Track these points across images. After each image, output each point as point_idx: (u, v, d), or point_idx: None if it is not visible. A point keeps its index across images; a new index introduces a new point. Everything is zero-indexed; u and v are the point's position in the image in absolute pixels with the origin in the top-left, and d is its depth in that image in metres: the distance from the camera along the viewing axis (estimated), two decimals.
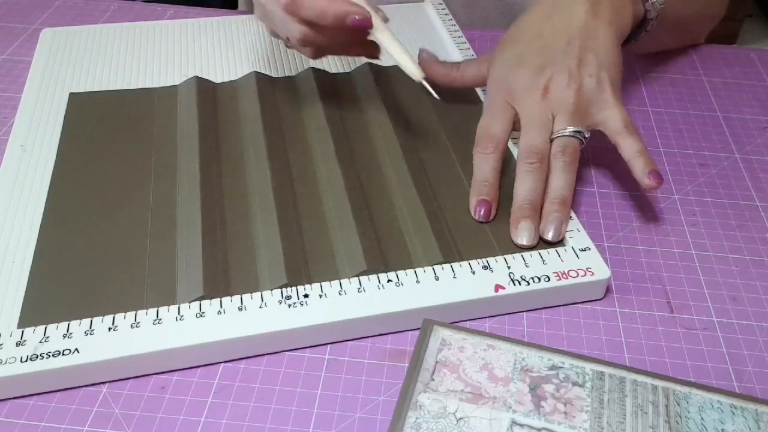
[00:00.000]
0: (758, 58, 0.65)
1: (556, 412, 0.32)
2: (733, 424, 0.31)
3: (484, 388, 0.33)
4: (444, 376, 0.33)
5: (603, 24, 0.49)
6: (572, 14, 0.49)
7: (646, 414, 0.32)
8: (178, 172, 0.48)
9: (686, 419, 0.32)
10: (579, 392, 0.33)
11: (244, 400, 0.37)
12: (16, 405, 0.36)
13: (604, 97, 0.47)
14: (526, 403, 0.32)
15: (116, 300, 0.39)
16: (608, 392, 0.33)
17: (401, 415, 0.32)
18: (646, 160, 0.45)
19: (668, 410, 0.32)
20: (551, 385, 0.33)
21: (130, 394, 0.37)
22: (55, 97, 0.54)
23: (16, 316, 0.38)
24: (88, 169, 0.48)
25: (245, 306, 0.39)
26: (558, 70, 0.48)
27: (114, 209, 0.45)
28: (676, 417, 0.32)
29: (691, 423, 0.31)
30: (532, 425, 0.31)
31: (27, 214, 0.44)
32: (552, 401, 0.32)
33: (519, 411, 0.32)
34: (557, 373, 0.34)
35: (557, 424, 0.31)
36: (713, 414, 0.32)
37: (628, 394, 0.33)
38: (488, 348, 0.35)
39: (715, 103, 0.60)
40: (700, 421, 0.32)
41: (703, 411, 0.32)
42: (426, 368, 0.34)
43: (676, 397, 0.33)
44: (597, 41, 0.48)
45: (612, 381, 0.33)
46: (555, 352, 0.35)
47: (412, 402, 0.32)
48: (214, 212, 0.45)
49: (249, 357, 0.39)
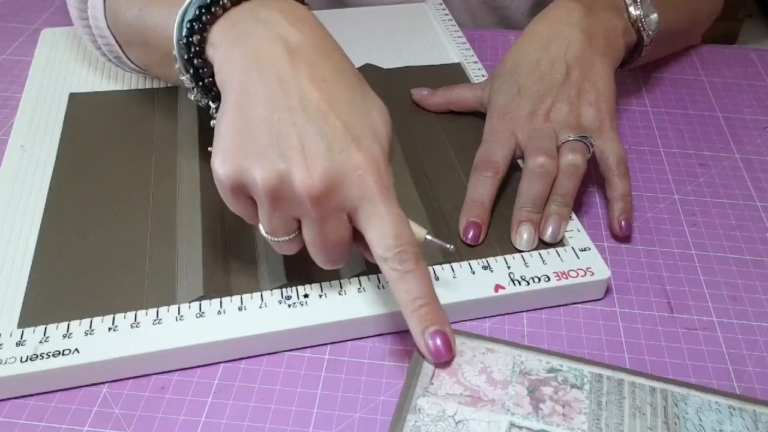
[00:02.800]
0: (758, 59, 0.65)
1: (555, 414, 0.32)
2: (731, 425, 0.32)
3: (482, 391, 0.33)
4: (443, 380, 0.33)
5: (598, 55, 0.50)
6: (569, 44, 0.50)
7: (644, 415, 0.32)
8: (178, 172, 0.48)
9: (684, 420, 0.32)
10: (577, 394, 0.33)
11: (244, 400, 0.37)
12: (16, 405, 0.36)
13: (602, 127, 0.48)
14: (525, 405, 0.32)
15: (116, 300, 0.39)
16: (606, 394, 0.33)
17: (401, 417, 0.32)
18: (626, 206, 0.46)
19: (666, 411, 0.32)
20: (550, 388, 0.33)
21: (130, 394, 0.37)
22: (55, 97, 0.54)
23: (16, 316, 0.38)
24: (88, 170, 0.48)
25: (245, 306, 0.39)
26: (558, 98, 0.48)
27: (114, 209, 0.45)
28: (674, 418, 0.32)
29: (689, 424, 0.32)
30: (530, 427, 0.31)
31: (27, 214, 0.44)
32: (550, 403, 0.32)
33: (518, 413, 0.32)
34: (556, 376, 0.34)
35: (556, 426, 0.31)
36: (711, 415, 0.32)
37: (626, 396, 0.33)
38: (487, 351, 0.35)
39: (715, 103, 0.60)
40: (698, 422, 0.32)
41: (701, 412, 0.32)
42: (425, 373, 0.34)
43: (674, 399, 0.33)
44: (594, 71, 0.49)
45: (610, 383, 0.33)
46: (553, 355, 0.35)
47: (412, 405, 0.32)
48: (214, 212, 0.45)
49: (249, 357, 0.39)
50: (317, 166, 0.33)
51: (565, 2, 0.52)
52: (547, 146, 0.46)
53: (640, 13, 0.52)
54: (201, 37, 0.37)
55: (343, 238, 0.36)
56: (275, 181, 0.33)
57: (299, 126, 0.33)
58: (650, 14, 0.53)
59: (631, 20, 0.53)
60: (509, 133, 0.48)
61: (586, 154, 0.46)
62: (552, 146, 0.46)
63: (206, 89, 0.39)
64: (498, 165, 0.46)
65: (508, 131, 0.48)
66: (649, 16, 0.53)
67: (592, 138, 0.47)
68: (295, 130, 0.33)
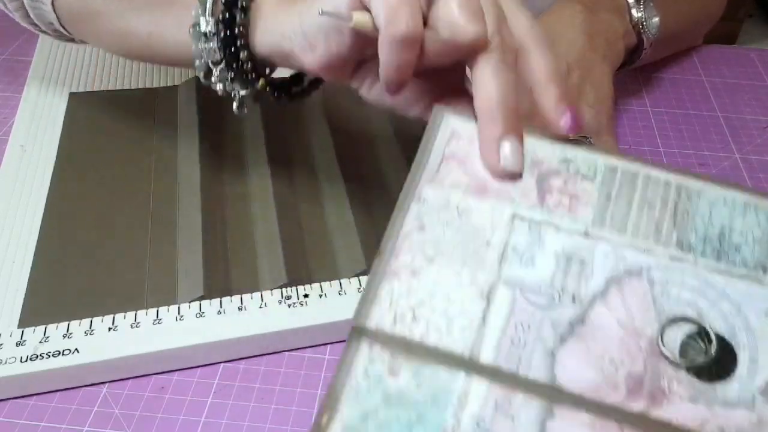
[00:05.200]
0: (758, 58, 0.65)
1: (561, 206, 0.30)
2: (743, 222, 0.30)
3: (489, 182, 0.31)
4: (450, 169, 0.31)
5: (598, 57, 0.50)
6: (571, 45, 0.49)
7: (652, 209, 0.30)
8: (178, 172, 0.48)
9: (694, 215, 0.30)
10: (587, 186, 0.31)
11: (244, 400, 0.37)
12: (16, 405, 0.36)
13: (600, 130, 0.48)
14: (531, 196, 0.31)
15: (116, 300, 0.39)
16: (618, 187, 0.31)
17: (403, 206, 0.30)
18: None
19: (677, 207, 0.31)
20: (560, 179, 0.31)
21: (130, 394, 0.37)
22: (55, 97, 0.54)
23: (16, 316, 0.38)
24: (88, 169, 0.48)
25: (245, 306, 0.39)
26: None
27: (114, 209, 0.45)
28: (684, 213, 0.30)
29: (698, 219, 0.30)
30: (533, 218, 0.30)
31: (27, 214, 0.44)
32: (558, 195, 0.31)
33: (522, 204, 0.31)
34: (567, 166, 0.32)
35: (559, 218, 0.30)
36: (723, 210, 0.30)
37: (638, 189, 0.31)
38: None
39: (715, 103, 0.60)
40: (708, 217, 0.30)
41: (714, 207, 0.31)
42: (433, 160, 0.32)
43: (688, 193, 0.31)
44: (594, 73, 0.49)
45: (624, 176, 0.31)
46: (569, 143, 0.33)
47: (416, 195, 0.31)
48: (214, 212, 0.45)
49: (249, 357, 0.39)
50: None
51: (568, 3, 0.52)
52: None
53: (642, 16, 0.52)
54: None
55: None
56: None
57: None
58: (652, 18, 0.53)
59: (633, 23, 0.52)
60: None
61: None
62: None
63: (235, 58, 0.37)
64: None
65: None
66: (651, 19, 0.53)
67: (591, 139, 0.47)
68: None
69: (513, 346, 0.28)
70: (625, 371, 0.27)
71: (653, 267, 0.29)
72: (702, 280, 0.29)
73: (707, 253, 0.30)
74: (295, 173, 0.48)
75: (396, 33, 0.30)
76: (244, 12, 0.36)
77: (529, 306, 0.28)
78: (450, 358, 0.27)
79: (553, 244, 0.30)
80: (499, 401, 0.26)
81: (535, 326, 0.28)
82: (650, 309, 0.28)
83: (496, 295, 0.29)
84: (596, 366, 0.27)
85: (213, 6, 0.36)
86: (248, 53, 0.37)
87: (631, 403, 0.27)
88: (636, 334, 0.28)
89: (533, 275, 0.29)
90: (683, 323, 0.28)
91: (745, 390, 0.27)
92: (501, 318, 0.28)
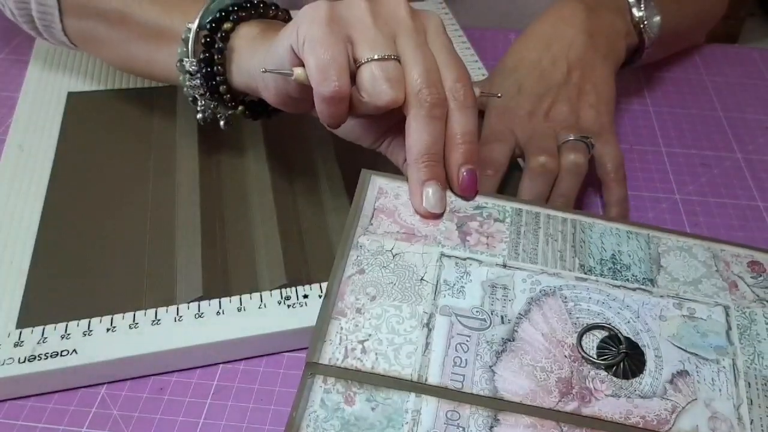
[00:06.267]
0: (760, 58, 0.65)
1: (480, 244, 0.36)
2: (628, 246, 0.37)
3: (416, 228, 0.36)
4: (381, 221, 0.36)
5: (599, 57, 0.50)
6: (571, 44, 0.49)
7: (555, 241, 0.37)
8: (177, 172, 0.48)
9: (589, 244, 0.37)
10: (500, 227, 0.37)
11: (244, 401, 0.37)
12: (14, 406, 0.36)
13: (602, 130, 0.47)
14: (454, 238, 0.36)
15: (115, 300, 0.39)
16: (525, 225, 0.37)
17: (344, 254, 0.35)
18: (622, 211, 0.46)
19: (575, 237, 0.37)
20: (476, 223, 0.37)
21: (128, 395, 0.37)
22: (54, 97, 0.54)
23: (14, 317, 0.38)
24: (86, 170, 0.48)
25: (244, 307, 0.39)
26: (558, 98, 0.48)
27: (113, 210, 0.45)
28: (581, 242, 0.37)
29: (593, 246, 0.37)
30: (459, 256, 0.35)
31: (25, 214, 0.44)
32: (476, 235, 0.36)
33: (447, 245, 0.36)
34: (481, 212, 0.37)
35: (480, 253, 0.35)
36: (612, 239, 0.37)
37: (541, 226, 0.37)
38: None
39: (717, 103, 0.59)
40: (600, 245, 0.37)
41: (604, 237, 0.37)
42: (365, 215, 0.36)
43: (582, 226, 0.38)
44: (595, 73, 0.49)
45: (529, 216, 0.38)
46: (479, 195, 0.38)
47: (353, 243, 0.35)
48: (214, 212, 0.44)
49: (248, 358, 0.39)
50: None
51: (568, 2, 0.51)
52: (548, 146, 0.46)
53: (643, 15, 0.52)
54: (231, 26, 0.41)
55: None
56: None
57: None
58: (653, 17, 0.52)
59: (634, 22, 0.52)
60: (508, 132, 0.48)
61: (587, 155, 0.46)
62: (553, 146, 0.46)
63: (211, 76, 0.42)
64: (498, 163, 0.46)
65: (508, 130, 0.48)
66: (652, 18, 0.52)
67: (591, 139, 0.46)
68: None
69: (456, 366, 0.31)
70: (555, 377, 0.32)
71: (564, 287, 0.35)
72: (605, 295, 0.35)
73: (605, 273, 0.36)
74: (294, 173, 0.48)
75: (323, 92, 0.34)
76: (221, 52, 0.41)
77: (465, 329, 0.33)
78: (400, 383, 0.31)
79: (478, 275, 0.35)
80: (449, 415, 0.30)
81: (472, 346, 0.32)
82: (567, 321, 0.34)
83: (435, 322, 0.33)
84: (530, 375, 0.32)
85: (195, 46, 0.42)
86: (227, 87, 0.43)
87: (564, 404, 0.31)
88: (559, 344, 0.33)
89: (465, 303, 0.34)
90: (596, 330, 0.33)
91: (656, 382, 0.32)
92: (442, 342, 0.32)
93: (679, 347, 0.33)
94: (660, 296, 0.35)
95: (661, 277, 0.36)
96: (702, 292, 0.35)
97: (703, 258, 0.37)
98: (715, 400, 0.31)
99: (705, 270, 0.36)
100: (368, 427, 0.29)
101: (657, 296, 0.35)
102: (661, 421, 0.31)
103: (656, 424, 0.31)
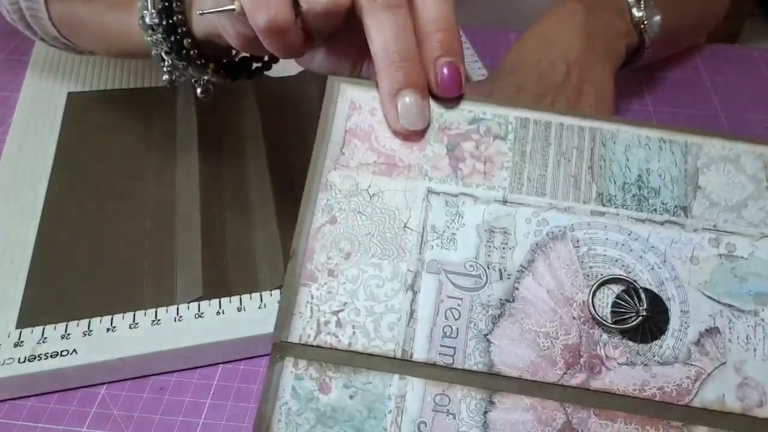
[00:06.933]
0: (760, 58, 0.65)
1: (475, 173, 0.30)
2: (659, 162, 0.30)
3: (398, 156, 0.30)
4: (355, 148, 0.30)
5: (599, 58, 0.49)
6: (570, 45, 0.49)
7: (569, 161, 0.30)
8: (177, 172, 0.48)
9: (610, 162, 0.30)
10: (500, 146, 0.30)
11: (243, 401, 0.37)
12: (14, 406, 0.36)
13: None
14: (443, 167, 0.30)
15: (115, 300, 0.39)
16: (531, 142, 0.30)
17: (310, 197, 0.29)
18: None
19: (593, 154, 0.30)
20: (471, 142, 0.30)
21: (128, 395, 0.37)
22: (54, 97, 0.54)
23: (14, 317, 0.38)
24: (86, 170, 0.48)
25: (244, 307, 0.39)
26: (557, 99, 0.48)
27: (112, 209, 0.45)
28: (600, 161, 0.30)
29: (615, 166, 0.30)
30: (449, 191, 0.29)
31: (25, 214, 0.44)
32: (471, 161, 0.30)
33: (435, 177, 0.30)
34: (478, 127, 0.30)
35: (475, 187, 0.29)
36: (640, 152, 0.30)
37: (552, 141, 0.30)
38: None
39: (717, 103, 0.59)
40: (624, 162, 0.30)
41: (629, 150, 0.30)
42: (335, 141, 0.30)
43: (603, 138, 0.30)
44: (595, 73, 0.49)
45: (537, 128, 0.30)
46: (477, 102, 0.31)
47: (322, 182, 0.29)
48: (214, 212, 0.44)
49: (248, 358, 0.39)
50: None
51: (568, 3, 0.51)
52: None
53: (643, 15, 0.52)
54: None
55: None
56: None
57: None
58: (653, 17, 0.52)
59: (634, 22, 0.52)
60: None
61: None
62: None
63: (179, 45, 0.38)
64: None
65: None
66: (652, 18, 0.52)
67: None
68: None
69: (445, 337, 0.27)
70: (561, 344, 0.27)
71: (576, 226, 0.29)
72: (626, 233, 0.29)
73: (628, 202, 0.29)
74: (294, 174, 0.48)
75: (258, 23, 0.30)
76: (180, 1, 0.38)
77: (456, 290, 0.28)
78: (382, 362, 0.27)
79: (473, 217, 0.29)
80: (437, 400, 0.26)
81: (465, 312, 0.27)
82: (578, 272, 0.28)
83: (422, 283, 0.28)
84: (532, 343, 0.27)
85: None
86: (191, 41, 0.38)
87: (570, 377, 0.27)
88: (567, 303, 0.28)
89: (456, 255, 0.28)
90: (612, 284, 0.28)
91: (680, 344, 0.27)
92: (429, 308, 0.27)
93: (710, 298, 0.28)
94: (693, 230, 0.29)
95: (697, 203, 0.29)
96: (746, 219, 0.29)
97: (752, 171, 0.30)
98: (747, 363, 0.27)
99: (753, 188, 0.30)
100: (347, 418, 0.26)
101: (690, 230, 0.29)
102: (682, 391, 0.26)
103: (675, 395, 0.26)
